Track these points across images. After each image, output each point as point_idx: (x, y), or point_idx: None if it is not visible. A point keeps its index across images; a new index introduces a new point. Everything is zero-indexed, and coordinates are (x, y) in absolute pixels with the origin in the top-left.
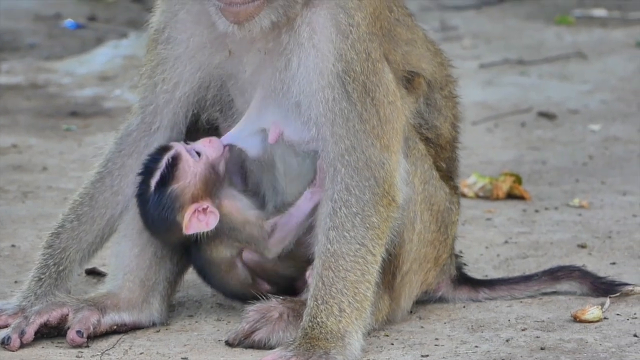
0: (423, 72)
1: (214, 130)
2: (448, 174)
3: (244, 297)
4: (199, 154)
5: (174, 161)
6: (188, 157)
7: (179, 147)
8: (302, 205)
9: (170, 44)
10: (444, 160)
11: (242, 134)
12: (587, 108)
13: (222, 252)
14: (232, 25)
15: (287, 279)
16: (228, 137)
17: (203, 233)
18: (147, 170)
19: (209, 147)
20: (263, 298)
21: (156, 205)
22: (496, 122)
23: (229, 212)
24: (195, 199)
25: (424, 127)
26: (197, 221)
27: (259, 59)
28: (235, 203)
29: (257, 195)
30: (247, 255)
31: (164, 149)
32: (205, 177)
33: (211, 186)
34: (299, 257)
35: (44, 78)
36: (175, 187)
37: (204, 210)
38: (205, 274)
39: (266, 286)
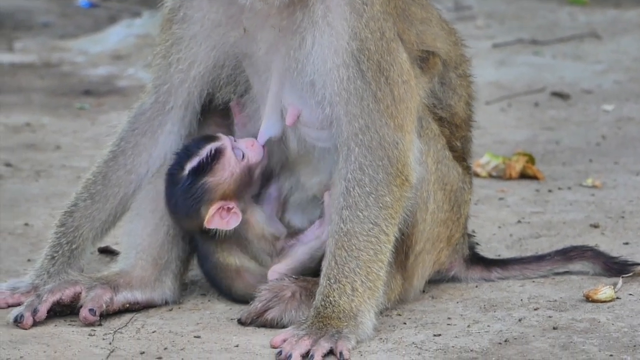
0: (438, 51)
1: (228, 110)
2: (462, 154)
3: (249, 300)
4: (243, 154)
5: (217, 154)
6: (232, 155)
7: (226, 141)
8: (309, 234)
9: (185, 23)
10: (459, 139)
11: (269, 122)
12: (600, 88)
13: (230, 260)
14: None
15: (314, 271)
16: (263, 135)
17: (219, 232)
18: (186, 153)
19: (251, 150)
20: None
21: (185, 191)
22: (509, 102)
23: (248, 222)
24: (224, 197)
25: (439, 107)
26: (219, 218)
27: (273, 36)
28: (256, 215)
29: (270, 180)
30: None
31: (210, 138)
32: (240, 178)
33: (242, 188)
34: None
35: (57, 57)
36: (210, 180)
37: (229, 209)
38: (212, 278)
39: None
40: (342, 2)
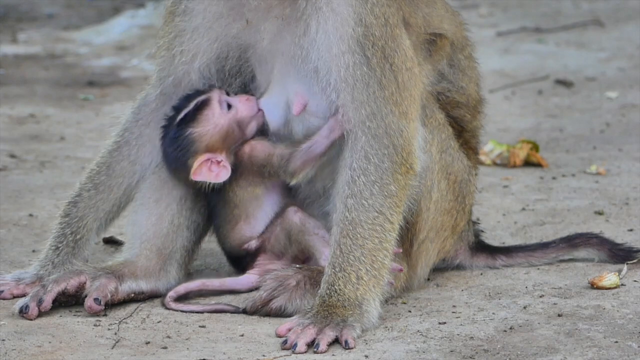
0: (445, 33)
1: None
2: (476, 143)
3: (240, 257)
4: (230, 106)
5: (202, 105)
6: (216, 106)
7: (213, 93)
8: (321, 138)
9: (187, 16)
10: (479, 118)
11: (268, 105)
12: (604, 75)
13: (248, 192)
14: None
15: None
16: (262, 103)
17: (212, 183)
18: (177, 107)
19: (242, 104)
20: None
21: (172, 142)
22: (513, 90)
23: (254, 150)
24: (210, 149)
25: (453, 90)
26: (207, 171)
27: (277, 26)
28: (262, 142)
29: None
30: (294, 215)
31: (200, 92)
32: (227, 130)
33: (231, 142)
34: None
35: (61, 48)
36: (194, 131)
37: (218, 163)
38: (215, 219)
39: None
40: None
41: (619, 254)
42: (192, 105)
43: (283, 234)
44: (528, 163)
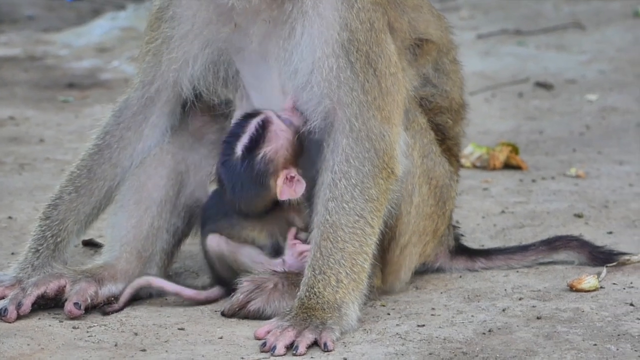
0: (431, 38)
1: (224, 104)
2: (458, 148)
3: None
4: (289, 121)
5: (265, 124)
6: (279, 121)
7: (268, 112)
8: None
9: (175, 22)
10: (460, 124)
11: (260, 104)
12: (584, 78)
13: (256, 234)
14: None
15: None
16: (255, 103)
17: (291, 201)
18: (234, 136)
19: (294, 116)
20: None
21: (248, 169)
22: (494, 92)
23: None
24: (286, 165)
25: (437, 95)
26: (288, 188)
27: (265, 29)
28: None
29: None
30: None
31: (250, 115)
32: (294, 144)
33: (298, 155)
34: None
35: (41, 50)
36: (268, 150)
37: (292, 178)
38: (205, 218)
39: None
40: None
41: (599, 257)
42: (252, 127)
43: (220, 266)
44: (508, 166)
